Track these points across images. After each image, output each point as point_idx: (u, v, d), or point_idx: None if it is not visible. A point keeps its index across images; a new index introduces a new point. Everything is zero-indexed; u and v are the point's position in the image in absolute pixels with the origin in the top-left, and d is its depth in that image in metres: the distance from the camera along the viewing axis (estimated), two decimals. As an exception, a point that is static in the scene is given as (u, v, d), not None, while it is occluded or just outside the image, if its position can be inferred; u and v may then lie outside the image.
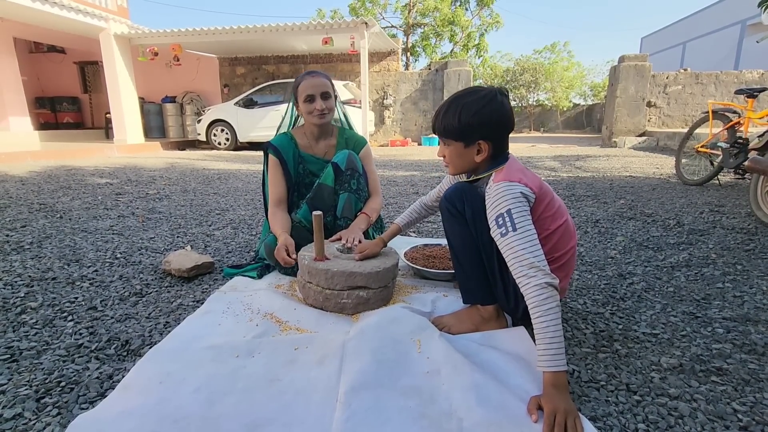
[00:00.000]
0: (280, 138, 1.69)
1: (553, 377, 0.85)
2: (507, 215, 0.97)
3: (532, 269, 0.91)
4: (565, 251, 1.10)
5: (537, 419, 0.81)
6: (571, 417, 0.80)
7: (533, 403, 0.84)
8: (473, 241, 1.12)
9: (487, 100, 1.05)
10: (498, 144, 1.08)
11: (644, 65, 8.19)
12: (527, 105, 17.30)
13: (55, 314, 1.30)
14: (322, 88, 1.58)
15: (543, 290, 0.89)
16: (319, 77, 1.60)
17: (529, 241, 0.94)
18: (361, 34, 7.75)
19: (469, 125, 1.05)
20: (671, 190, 3.47)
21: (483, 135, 1.06)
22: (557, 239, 1.08)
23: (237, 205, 2.98)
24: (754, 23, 13.29)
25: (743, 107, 3.34)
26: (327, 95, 1.59)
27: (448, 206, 1.15)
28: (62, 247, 1.96)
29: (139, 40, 8.43)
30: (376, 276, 1.25)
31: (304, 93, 1.57)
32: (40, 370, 1.00)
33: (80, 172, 4.62)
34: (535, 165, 5.43)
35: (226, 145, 8.61)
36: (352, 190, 1.59)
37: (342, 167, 1.58)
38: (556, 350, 0.86)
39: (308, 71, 1.63)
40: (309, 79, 1.59)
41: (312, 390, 0.91)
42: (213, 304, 1.31)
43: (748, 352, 1.09)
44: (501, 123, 1.06)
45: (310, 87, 1.57)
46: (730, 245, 1.97)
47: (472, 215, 1.10)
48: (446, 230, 1.19)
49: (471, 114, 1.04)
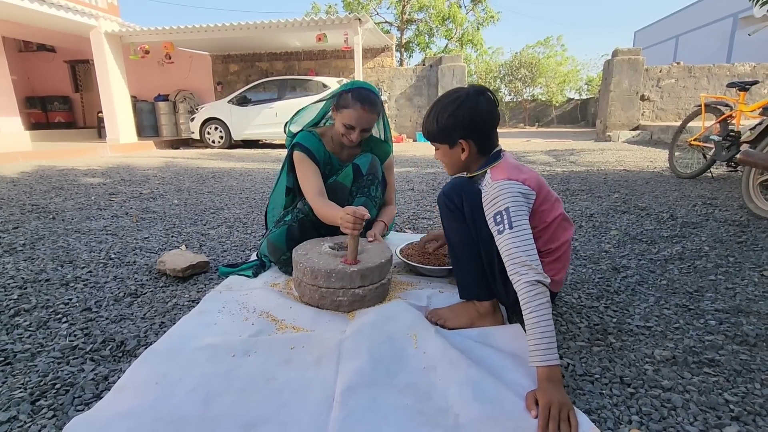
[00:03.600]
0: (309, 138, 1.60)
1: (548, 371, 0.86)
2: (505, 213, 0.99)
3: (524, 267, 0.94)
4: (561, 243, 1.11)
5: (536, 415, 0.82)
6: (565, 409, 0.81)
7: (530, 398, 0.85)
8: (471, 237, 1.12)
9: (461, 101, 1.09)
10: (481, 141, 1.11)
11: (638, 59, 8.21)
12: (522, 100, 17.31)
13: (49, 316, 1.29)
14: (366, 126, 1.52)
15: (533, 287, 0.91)
16: (372, 114, 1.50)
17: (523, 240, 0.96)
18: (355, 30, 7.72)
19: (446, 127, 1.10)
20: (665, 183, 3.49)
21: (461, 134, 1.10)
22: (553, 231, 1.10)
23: (232, 204, 2.96)
24: (745, 16, 13.35)
25: (735, 100, 3.36)
26: (368, 131, 1.55)
27: (447, 202, 1.15)
28: (55, 249, 1.94)
29: (130, 38, 8.34)
30: (371, 271, 1.25)
31: (347, 120, 1.49)
32: (35, 372, 1.00)
33: (73, 173, 4.58)
34: (529, 160, 5.44)
35: (220, 143, 8.55)
36: (370, 196, 1.59)
37: (363, 171, 1.57)
38: (547, 345, 0.87)
39: (368, 96, 1.49)
40: (361, 111, 1.47)
41: (308, 389, 0.92)
42: (208, 304, 1.31)
43: (740, 344, 1.10)
44: (476, 121, 1.09)
45: (355, 119, 1.48)
46: (722, 237, 1.99)
47: (470, 211, 1.10)
48: (444, 226, 1.20)
49: (446, 116, 1.09)
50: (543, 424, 0.79)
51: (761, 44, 11.76)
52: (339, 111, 1.53)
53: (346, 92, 1.51)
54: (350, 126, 1.50)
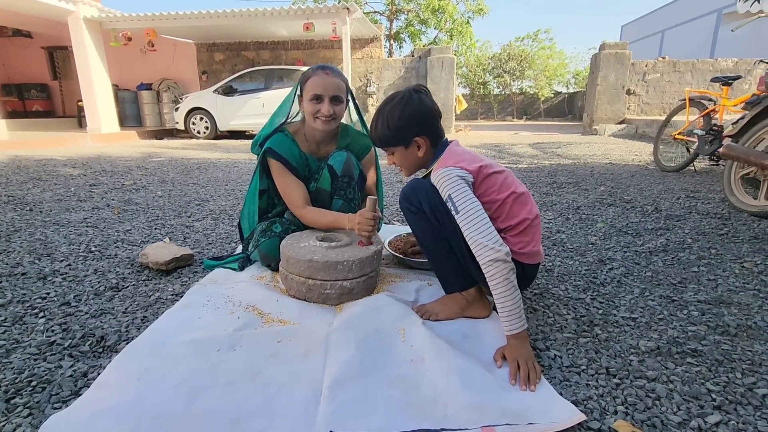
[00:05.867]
0: (280, 140, 1.47)
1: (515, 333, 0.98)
2: (449, 200, 1.06)
3: (481, 248, 1.00)
4: (521, 220, 1.13)
5: (501, 365, 0.96)
6: (531, 361, 0.94)
7: (499, 353, 0.99)
8: (438, 233, 1.13)
9: (405, 102, 1.15)
10: (433, 134, 1.19)
11: (624, 53, 8.29)
12: (511, 93, 17.36)
13: (26, 311, 1.24)
14: (334, 91, 1.38)
15: (491, 266, 0.98)
16: (333, 76, 1.39)
17: (473, 221, 1.02)
18: (343, 20, 7.60)
19: (399, 128, 1.16)
20: (649, 176, 3.54)
21: (415, 132, 1.16)
22: (509, 208, 1.13)
23: (217, 196, 2.91)
24: (729, 12, 13.56)
25: (718, 95, 3.42)
26: (338, 99, 1.40)
27: (407, 205, 1.18)
28: (32, 241, 1.88)
29: (110, 24, 8.09)
30: (359, 264, 1.24)
31: (311, 90, 1.37)
32: (10, 369, 0.96)
33: (51, 163, 4.44)
34: (516, 153, 5.47)
35: (205, 134, 8.39)
36: (347, 198, 1.51)
37: (338, 172, 1.48)
38: (515, 315, 0.97)
39: (322, 65, 1.40)
40: (321, 75, 1.37)
41: (296, 383, 0.90)
42: (192, 297, 1.28)
43: (722, 334, 1.12)
44: (424, 116, 1.16)
45: (320, 86, 1.37)
46: (704, 230, 2.03)
47: (430, 208, 1.13)
48: (412, 228, 1.22)
49: (396, 118, 1.15)
50: (513, 372, 0.92)
51: (744, 40, 11.98)
52: (304, 92, 1.42)
53: (304, 73, 1.46)
54: (317, 96, 1.37)
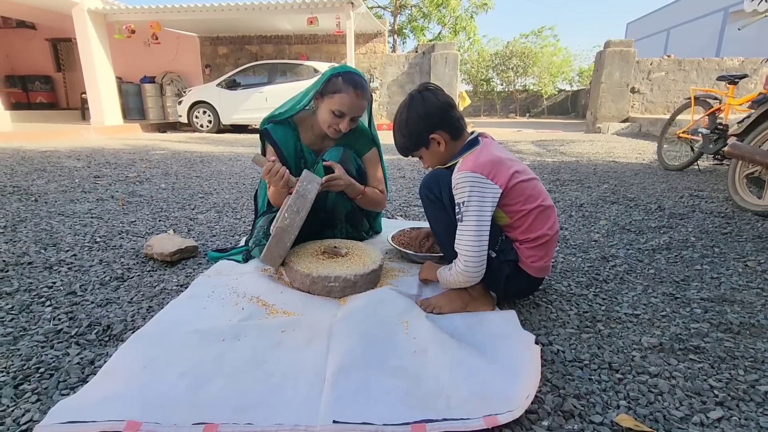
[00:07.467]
0: (281, 129, 1.49)
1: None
2: (460, 205, 1.08)
3: (462, 255, 1.08)
4: (541, 234, 1.12)
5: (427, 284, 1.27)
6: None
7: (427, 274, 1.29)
8: (454, 224, 1.13)
9: (408, 105, 1.19)
10: (448, 127, 1.18)
11: (629, 51, 8.23)
12: (514, 90, 17.28)
13: (32, 299, 1.25)
14: (358, 112, 1.43)
15: (462, 272, 1.09)
16: (362, 99, 1.41)
17: (469, 235, 1.06)
18: (347, 14, 7.57)
19: (413, 132, 1.19)
20: (653, 175, 3.53)
21: (429, 130, 1.17)
22: (530, 221, 1.12)
23: (221, 189, 2.92)
24: (736, 10, 13.46)
25: (724, 94, 3.39)
26: (357, 119, 1.47)
27: (427, 193, 1.18)
28: (38, 231, 1.89)
29: (114, 16, 8.07)
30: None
31: (338, 106, 1.38)
32: (18, 356, 0.97)
33: (56, 154, 4.45)
34: (520, 150, 5.46)
35: (208, 127, 8.39)
36: (342, 194, 1.51)
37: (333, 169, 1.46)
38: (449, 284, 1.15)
39: (360, 81, 1.40)
40: (353, 96, 1.38)
41: (299, 372, 0.91)
42: (198, 288, 1.29)
43: (724, 331, 1.12)
44: (431, 113, 1.17)
45: (347, 105, 1.38)
46: (708, 229, 2.02)
47: (449, 199, 1.13)
48: (428, 217, 1.22)
49: (406, 125, 1.19)
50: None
51: (750, 39, 11.89)
52: (327, 97, 1.40)
53: (336, 76, 1.39)
54: (341, 113, 1.39)
